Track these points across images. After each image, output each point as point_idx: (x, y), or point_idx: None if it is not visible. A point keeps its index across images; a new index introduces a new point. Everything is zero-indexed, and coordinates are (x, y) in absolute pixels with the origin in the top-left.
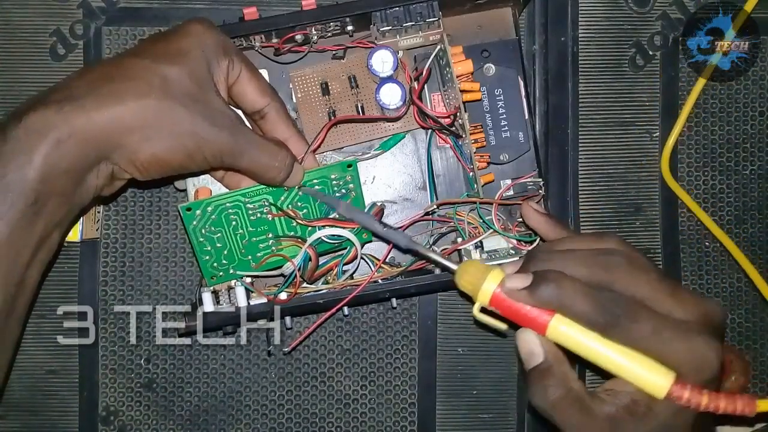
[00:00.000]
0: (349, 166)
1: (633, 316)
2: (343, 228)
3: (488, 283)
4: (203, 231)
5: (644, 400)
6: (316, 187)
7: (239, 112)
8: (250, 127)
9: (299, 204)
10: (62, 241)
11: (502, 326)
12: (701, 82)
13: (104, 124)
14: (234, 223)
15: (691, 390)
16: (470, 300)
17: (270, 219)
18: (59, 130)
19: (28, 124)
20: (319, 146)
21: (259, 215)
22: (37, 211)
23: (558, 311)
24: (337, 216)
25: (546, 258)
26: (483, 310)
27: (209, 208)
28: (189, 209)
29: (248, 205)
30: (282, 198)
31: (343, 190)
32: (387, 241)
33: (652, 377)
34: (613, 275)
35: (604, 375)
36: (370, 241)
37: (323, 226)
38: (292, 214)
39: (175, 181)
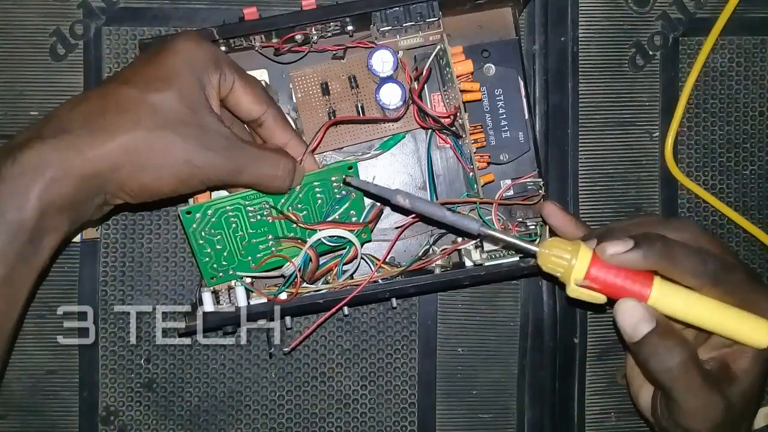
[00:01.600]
0: (350, 168)
1: (731, 267)
2: (344, 230)
3: (582, 257)
4: (203, 233)
5: (733, 363)
6: (316, 191)
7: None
8: (249, 133)
9: (299, 206)
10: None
11: (602, 298)
12: (694, 74)
13: (97, 162)
14: (234, 225)
15: None
16: (553, 280)
17: (270, 221)
18: (54, 168)
19: (24, 161)
20: (317, 146)
21: (259, 217)
22: (34, 249)
23: (667, 269)
24: (337, 218)
25: (624, 230)
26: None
27: (209, 212)
28: (189, 212)
29: (248, 208)
30: (282, 201)
31: (344, 192)
32: (455, 229)
33: (755, 327)
34: (691, 236)
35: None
36: (369, 241)
37: (324, 229)
38: (293, 217)
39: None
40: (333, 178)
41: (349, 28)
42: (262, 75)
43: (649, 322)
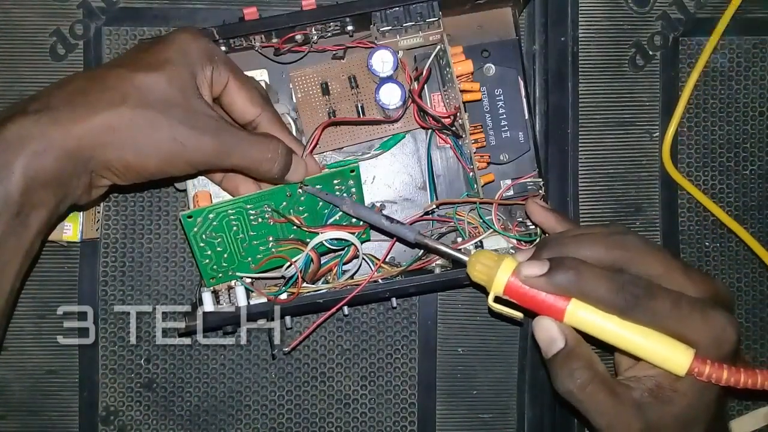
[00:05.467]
0: (352, 171)
1: (651, 294)
2: (346, 232)
3: (502, 271)
4: (204, 237)
5: (668, 383)
6: (317, 186)
7: None
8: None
9: (300, 209)
10: (42, 247)
11: (518, 315)
12: (695, 74)
13: (79, 137)
14: (235, 228)
15: (711, 365)
16: (484, 291)
17: (272, 224)
18: (36, 142)
19: (6, 135)
20: (314, 147)
21: (260, 220)
22: (21, 223)
23: (577, 296)
24: (338, 219)
25: (560, 243)
26: (497, 299)
27: (210, 215)
28: (190, 217)
29: (250, 212)
30: (284, 204)
31: (345, 194)
32: (394, 237)
33: (672, 354)
34: (628, 253)
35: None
36: (369, 240)
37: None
38: (296, 220)
39: (175, 182)
40: (335, 181)
41: (349, 28)
42: (262, 75)
43: (559, 342)
